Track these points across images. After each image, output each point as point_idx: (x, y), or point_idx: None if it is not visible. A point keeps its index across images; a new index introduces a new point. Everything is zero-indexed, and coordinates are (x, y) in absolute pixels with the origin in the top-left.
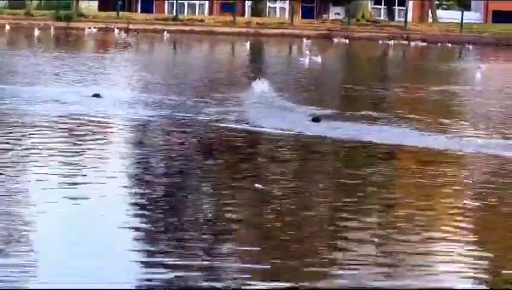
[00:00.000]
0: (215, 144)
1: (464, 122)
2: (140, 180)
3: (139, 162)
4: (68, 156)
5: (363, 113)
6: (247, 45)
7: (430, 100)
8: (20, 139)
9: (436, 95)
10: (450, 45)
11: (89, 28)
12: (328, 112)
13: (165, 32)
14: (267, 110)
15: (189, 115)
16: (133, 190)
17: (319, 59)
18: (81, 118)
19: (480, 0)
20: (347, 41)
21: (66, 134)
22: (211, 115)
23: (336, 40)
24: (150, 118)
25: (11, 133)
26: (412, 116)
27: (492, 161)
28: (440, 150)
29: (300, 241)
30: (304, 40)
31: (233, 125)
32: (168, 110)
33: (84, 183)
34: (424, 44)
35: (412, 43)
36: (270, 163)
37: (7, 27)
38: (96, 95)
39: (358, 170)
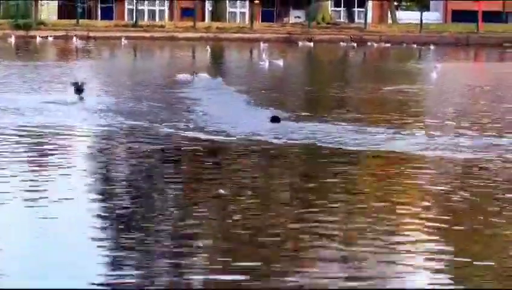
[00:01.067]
0: (173, 150)
1: (415, 121)
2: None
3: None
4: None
5: (324, 114)
6: (208, 49)
7: (383, 100)
8: None
9: (391, 94)
10: (415, 45)
11: (45, 36)
12: (288, 113)
13: (123, 38)
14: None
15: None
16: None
17: (280, 62)
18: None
19: (439, 0)
20: (312, 44)
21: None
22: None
23: (300, 43)
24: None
25: None
26: (364, 115)
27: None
28: (387, 150)
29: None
30: (261, 43)
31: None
32: (123, 118)
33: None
34: (387, 45)
35: (375, 44)
36: (228, 169)
37: None
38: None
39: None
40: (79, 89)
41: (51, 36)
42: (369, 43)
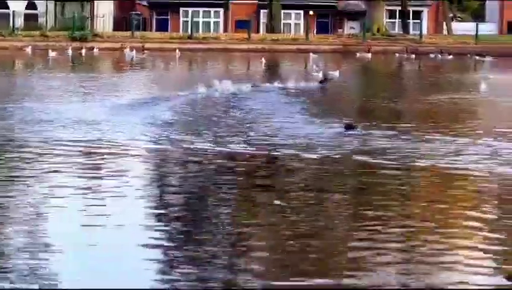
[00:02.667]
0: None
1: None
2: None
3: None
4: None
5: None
6: (263, 60)
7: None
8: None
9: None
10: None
11: (102, 48)
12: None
13: (177, 50)
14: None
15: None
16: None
17: (336, 73)
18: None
19: (495, 11)
20: (369, 55)
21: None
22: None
23: (358, 54)
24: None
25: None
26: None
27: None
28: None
29: None
30: (311, 54)
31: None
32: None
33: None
34: (449, 57)
35: (439, 56)
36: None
37: (28, 50)
38: None
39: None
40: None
41: (105, 48)
42: (431, 55)
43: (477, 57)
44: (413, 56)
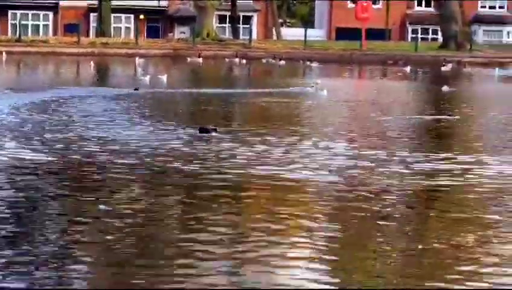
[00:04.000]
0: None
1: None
2: None
3: None
4: None
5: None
6: (92, 64)
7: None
8: None
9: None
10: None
11: None
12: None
13: (4, 53)
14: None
15: None
16: None
17: (164, 77)
18: None
19: (323, 17)
20: (201, 60)
21: None
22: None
23: (189, 58)
24: None
25: None
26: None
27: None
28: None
29: None
30: (137, 59)
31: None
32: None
33: None
34: (282, 62)
35: (272, 61)
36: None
37: None
38: None
39: None
40: None
41: None
42: (264, 60)
43: (308, 63)
44: (245, 61)
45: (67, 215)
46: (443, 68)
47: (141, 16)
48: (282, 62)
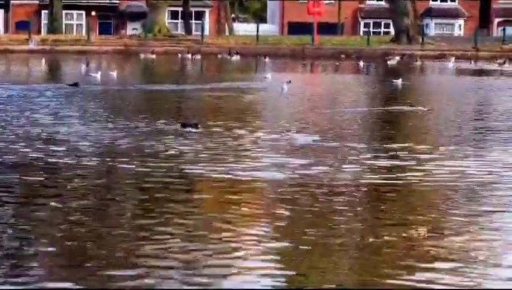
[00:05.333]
0: None
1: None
2: None
3: None
4: None
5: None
6: (43, 62)
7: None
8: None
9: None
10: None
11: None
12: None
13: None
14: None
15: None
16: None
17: (114, 74)
18: None
19: (275, 13)
20: (154, 56)
21: None
22: None
23: (142, 55)
24: None
25: None
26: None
27: None
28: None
29: None
30: (85, 57)
31: None
32: None
33: None
34: (236, 57)
35: (227, 56)
36: None
37: None
38: None
39: None
40: None
41: None
42: (219, 56)
43: (263, 58)
44: (199, 57)
45: None
46: (389, 62)
47: (93, 13)
48: (237, 57)
